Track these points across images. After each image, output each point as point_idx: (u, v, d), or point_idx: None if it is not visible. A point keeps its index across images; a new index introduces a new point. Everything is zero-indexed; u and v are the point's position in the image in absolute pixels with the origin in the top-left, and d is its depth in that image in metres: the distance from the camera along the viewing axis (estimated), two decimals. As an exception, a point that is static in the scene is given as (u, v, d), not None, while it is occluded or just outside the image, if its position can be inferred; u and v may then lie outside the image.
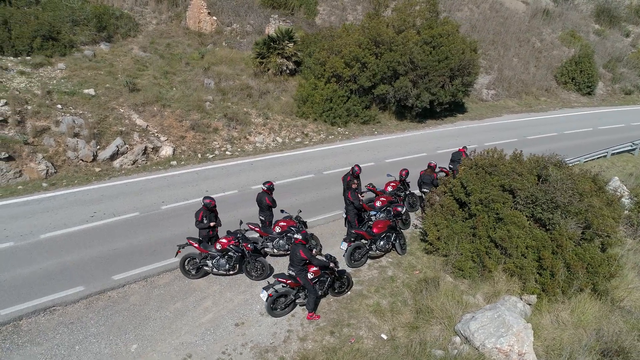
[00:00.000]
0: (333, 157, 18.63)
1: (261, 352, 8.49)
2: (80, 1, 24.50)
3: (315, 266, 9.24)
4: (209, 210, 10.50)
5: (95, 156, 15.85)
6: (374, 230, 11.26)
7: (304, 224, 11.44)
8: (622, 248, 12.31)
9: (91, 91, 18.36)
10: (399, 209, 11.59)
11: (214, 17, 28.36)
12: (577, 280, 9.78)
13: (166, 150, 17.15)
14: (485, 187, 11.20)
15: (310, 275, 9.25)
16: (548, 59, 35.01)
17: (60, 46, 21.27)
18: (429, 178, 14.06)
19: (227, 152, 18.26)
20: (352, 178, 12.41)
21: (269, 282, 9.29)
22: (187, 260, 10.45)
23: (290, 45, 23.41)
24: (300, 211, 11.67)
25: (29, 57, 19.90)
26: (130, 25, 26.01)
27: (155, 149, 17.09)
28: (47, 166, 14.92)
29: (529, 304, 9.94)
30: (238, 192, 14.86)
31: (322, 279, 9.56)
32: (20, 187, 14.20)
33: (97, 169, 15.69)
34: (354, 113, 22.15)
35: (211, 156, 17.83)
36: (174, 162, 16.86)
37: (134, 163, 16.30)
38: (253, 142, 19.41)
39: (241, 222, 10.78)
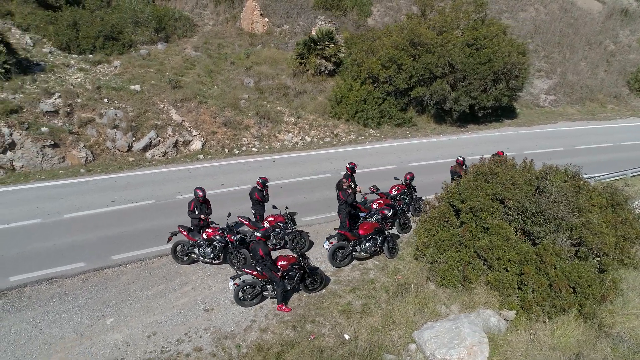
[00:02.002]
0: (357, 158, 18.41)
1: (220, 337, 8.94)
2: (142, 4, 26.57)
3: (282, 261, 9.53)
4: (201, 201, 11.15)
5: (130, 147, 17.27)
6: (360, 232, 11.29)
7: (293, 220, 11.74)
8: (639, 271, 11.30)
9: (137, 87, 19.95)
10: (386, 212, 11.51)
11: (266, 19, 29.42)
12: (560, 300, 9.17)
13: (196, 145, 18.25)
14: (478, 195, 10.81)
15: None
16: (622, 63, 32.19)
17: (119, 45, 23.28)
18: (455, 173, 14.12)
19: (253, 149, 19.02)
20: (347, 177, 12.47)
21: (237, 273, 9.74)
22: (178, 247, 11.18)
23: (331, 46, 23.69)
24: (287, 208, 11.96)
25: (91, 55, 22.00)
26: (187, 26, 27.78)
27: (186, 143, 18.23)
28: (86, 154, 16.53)
29: (507, 320, 9.50)
30: (251, 186, 15.36)
31: (290, 273, 9.82)
32: (61, 171, 15.89)
33: (131, 159, 17.09)
34: (388, 115, 21.99)
35: (237, 152, 18.66)
36: (201, 156, 17.89)
37: (164, 155, 17.55)
38: (281, 140, 19.99)
39: (229, 215, 11.32)
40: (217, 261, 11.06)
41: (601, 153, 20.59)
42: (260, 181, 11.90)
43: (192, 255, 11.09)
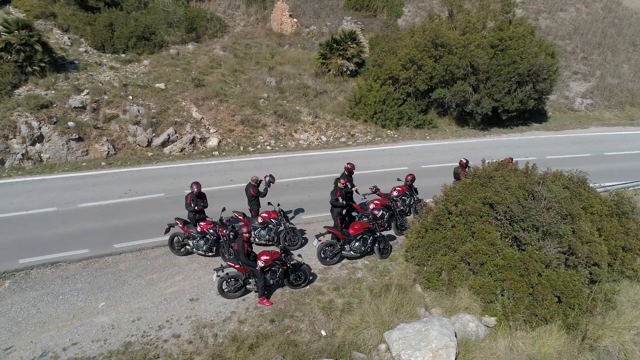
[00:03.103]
0: (370, 158, 18.68)
1: (199, 326, 9.31)
2: (174, 5, 27.59)
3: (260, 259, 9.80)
4: (196, 195, 11.59)
5: (149, 142, 18.07)
6: (350, 231, 11.37)
7: (286, 217, 11.97)
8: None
9: (162, 85, 20.81)
10: (376, 212, 11.52)
11: (294, 19, 29.84)
12: (542, 309, 8.90)
13: (212, 141, 18.84)
14: (470, 199, 10.64)
15: (260, 264, 9.82)
16: (670, 66, 30.29)
17: (150, 45, 24.32)
18: (457, 175, 14.08)
19: (268, 147, 19.40)
20: (343, 177, 12.56)
21: (221, 265, 10.07)
22: (175, 238, 11.67)
23: (353, 46, 23.74)
24: (279, 204, 12.17)
25: (123, 55, 23.12)
26: (218, 27, 28.59)
27: (203, 140, 18.86)
28: (108, 148, 17.45)
29: (487, 326, 9.32)
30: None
31: (273, 268, 10.04)
32: (84, 164, 16.87)
33: (150, 154, 17.88)
34: (407, 116, 21.79)
35: (252, 149, 19.11)
36: (216, 153, 18.46)
37: (181, 151, 18.24)
38: (297, 139, 20.27)
39: (224, 209, 11.69)
40: (209, 254, 11.47)
41: (631, 160, 19.55)
42: (268, 178, 12.34)
43: (187, 246, 11.54)
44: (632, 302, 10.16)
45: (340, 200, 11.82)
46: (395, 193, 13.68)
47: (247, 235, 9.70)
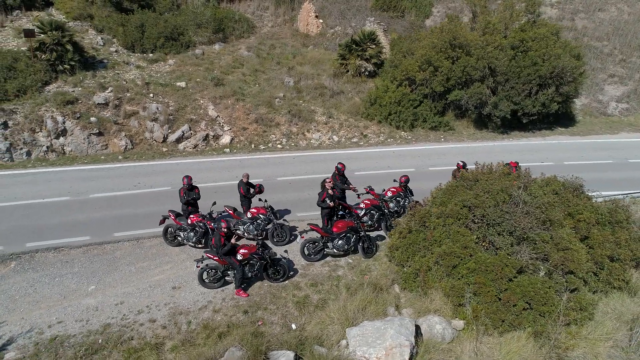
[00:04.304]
0: (378, 159, 18.70)
1: (175, 313, 9.79)
2: (204, 7, 28.54)
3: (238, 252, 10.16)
4: (187, 188, 12.13)
5: (165, 138, 18.90)
6: (333, 229, 11.54)
7: (274, 213, 12.28)
8: (632, 296, 10.33)
9: (182, 84, 21.65)
10: (358, 211, 11.62)
11: (320, 20, 30.13)
12: (510, 314, 8.76)
13: (225, 139, 19.45)
14: (451, 201, 10.58)
15: (239, 257, 10.19)
16: None
17: (177, 45, 25.32)
18: (453, 176, 13.90)
19: (278, 145, 19.79)
20: (334, 176, 12.73)
21: (202, 256, 10.51)
22: (169, 229, 12.25)
23: (372, 47, 23.76)
24: (266, 200, 12.46)
25: (151, 55, 24.22)
26: (245, 27, 29.32)
27: (216, 137, 19.51)
28: (126, 143, 18.41)
29: (456, 329, 9.26)
30: (262, 181, 16.15)
31: (251, 262, 10.38)
32: (102, 157, 17.88)
33: (164, 149, 18.71)
34: (422, 118, 21.58)
35: (263, 147, 19.57)
36: (227, 150, 19.05)
37: (195, 147, 18.96)
38: (309, 139, 20.55)
39: (214, 203, 12.16)
40: (199, 245, 11.96)
41: (658, 168, 18.54)
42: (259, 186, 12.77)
43: (178, 238, 12.08)
44: (616, 313, 9.79)
45: (328, 201, 11.98)
46: (389, 194, 13.69)
47: (224, 230, 10.08)
